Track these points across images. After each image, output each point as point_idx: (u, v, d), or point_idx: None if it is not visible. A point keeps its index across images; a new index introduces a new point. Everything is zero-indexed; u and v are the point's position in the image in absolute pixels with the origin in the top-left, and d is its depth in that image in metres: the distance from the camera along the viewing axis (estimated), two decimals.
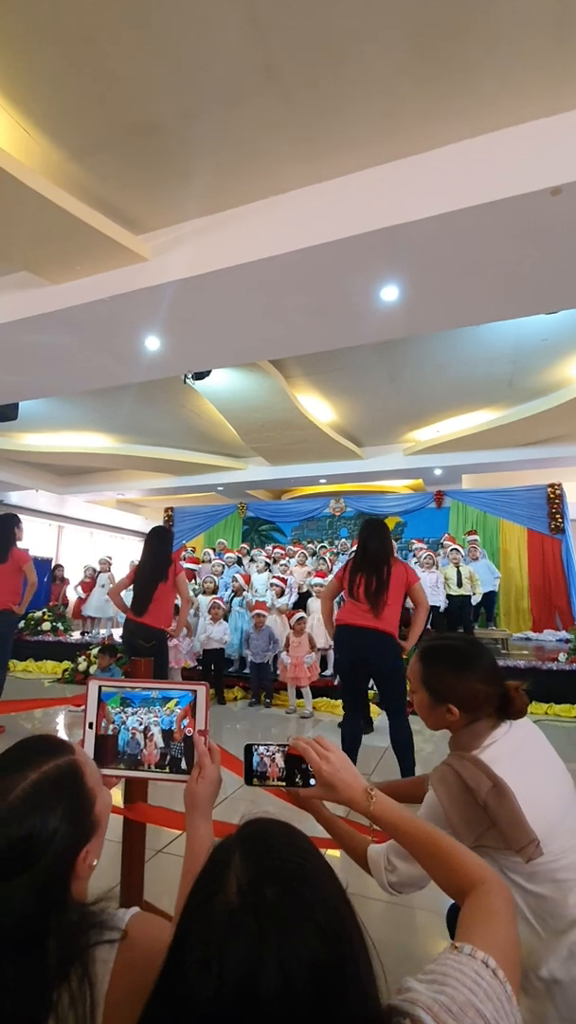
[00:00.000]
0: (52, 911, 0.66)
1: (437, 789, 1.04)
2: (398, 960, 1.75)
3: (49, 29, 2.13)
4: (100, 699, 1.10)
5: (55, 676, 6.93)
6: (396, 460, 8.69)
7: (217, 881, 0.54)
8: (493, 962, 0.58)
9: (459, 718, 1.14)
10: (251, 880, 0.53)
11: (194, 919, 0.53)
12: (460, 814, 1.00)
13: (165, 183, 2.93)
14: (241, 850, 0.57)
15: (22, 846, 0.67)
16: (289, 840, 0.60)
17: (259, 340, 3.97)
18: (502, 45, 2.15)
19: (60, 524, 12.13)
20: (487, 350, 5.44)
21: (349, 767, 0.92)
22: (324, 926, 0.51)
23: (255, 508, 11.60)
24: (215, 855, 0.58)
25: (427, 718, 1.21)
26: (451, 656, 1.18)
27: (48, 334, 3.86)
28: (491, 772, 1.00)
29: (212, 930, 0.50)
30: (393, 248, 2.82)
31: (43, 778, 0.73)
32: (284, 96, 2.40)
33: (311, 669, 5.16)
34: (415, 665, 1.22)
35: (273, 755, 0.97)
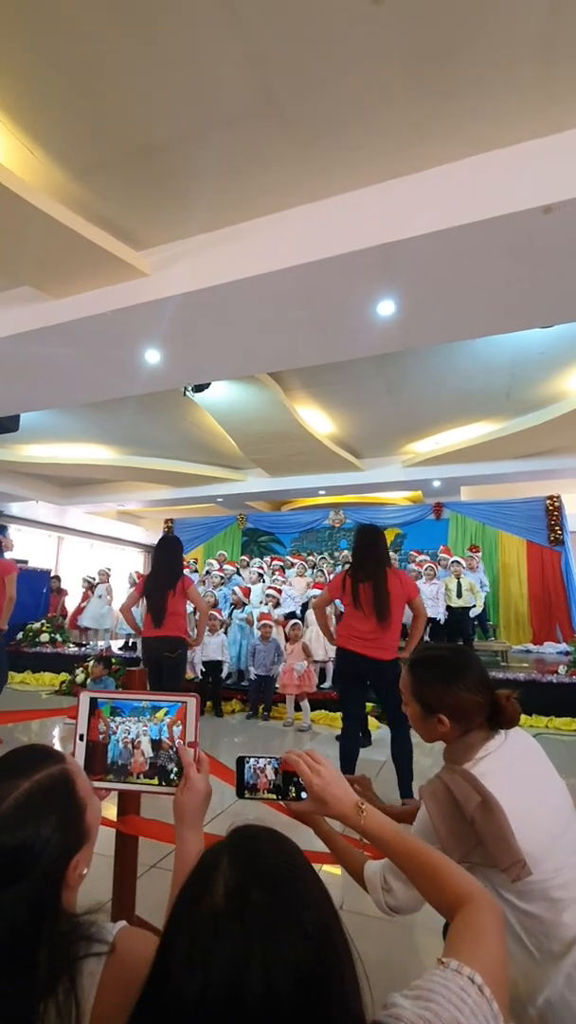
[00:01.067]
0: (44, 921, 0.67)
1: (427, 803, 1.04)
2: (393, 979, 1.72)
3: (54, 54, 2.19)
4: (91, 710, 1.10)
5: (53, 688, 6.89)
6: (395, 472, 8.72)
7: (204, 885, 0.54)
8: (479, 979, 0.57)
9: (450, 728, 1.14)
10: (238, 883, 0.53)
11: (181, 922, 0.53)
12: (448, 829, 0.99)
13: (166, 202, 2.99)
14: (229, 854, 0.57)
15: (15, 855, 0.67)
16: (277, 846, 0.60)
17: (258, 354, 4.01)
18: (491, 70, 2.21)
19: (60, 535, 12.14)
20: (484, 363, 5.49)
21: (340, 782, 0.91)
22: (309, 931, 0.51)
23: (254, 519, 11.61)
24: (204, 859, 0.59)
25: (420, 730, 1.21)
26: (439, 667, 1.18)
27: (50, 347, 3.91)
28: (481, 787, 1.00)
29: (198, 932, 0.51)
30: (389, 264, 2.86)
31: (35, 787, 0.73)
32: (282, 118, 2.45)
33: (302, 679, 5.11)
34: (405, 677, 1.23)
35: (265, 768, 0.97)
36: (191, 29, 2.07)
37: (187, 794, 0.97)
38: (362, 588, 3.12)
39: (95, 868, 0.83)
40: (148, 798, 1.57)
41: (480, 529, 9.70)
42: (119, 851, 1.49)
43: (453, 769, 1.07)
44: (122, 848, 1.49)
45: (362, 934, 1.99)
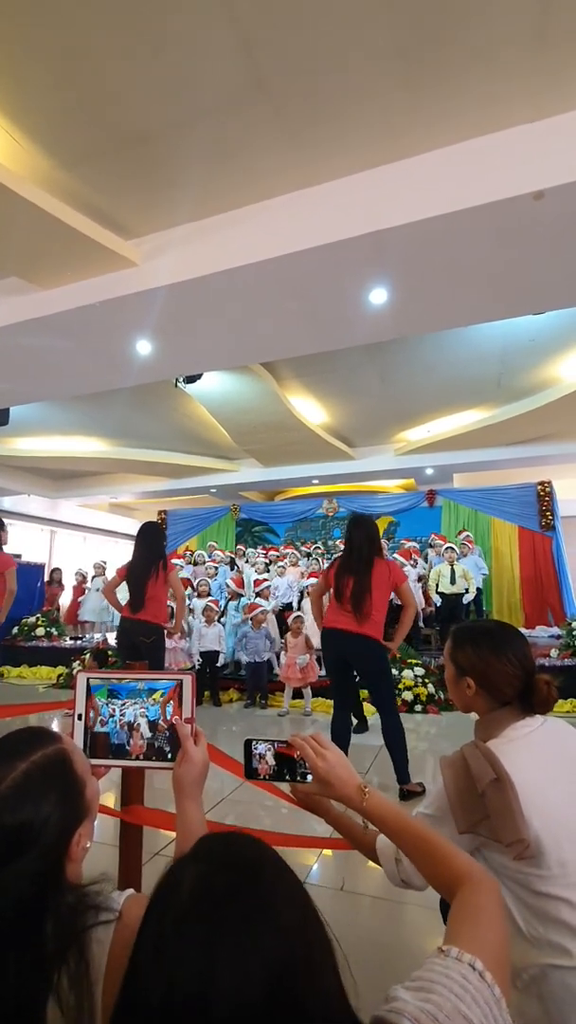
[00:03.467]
0: (49, 894, 0.68)
1: (444, 772, 1.07)
2: (392, 959, 1.77)
3: (41, 43, 2.15)
4: (88, 691, 1.12)
5: (50, 682, 6.91)
6: (388, 460, 8.73)
7: (171, 886, 0.54)
8: (480, 964, 0.57)
9: (477, 694, 1.18)
10: (202, 881, 0.53)
11: (149, 923, 0.53)
12: (459, 798, 1.02)
13: (155, 190, 2.95)
14: (195, 858, 0.57)
15: (17, 834, 0.69)
16: (242, 845, 0.59)
17: (250, 343, 3.99)
18: (483, 55, 2.19)
19: (53, 529, 12.08)
20: (476, 351, 5.49)
21: (345, 764, 0.94)
22: (278, 924, 0.50)
23: (248, 510, 11.60)
24: (172, 867, 0.58)
25: (453, 694, 1.25)
26: (477, 633, 1.24)
27: (38, 339, 3.86)
28: (498, 764, 1.02)
29: (165, 932, 0.50)
30: (381, 252, 2.85)
31: (33, 767, 0.75)
32: (272, 105, 2.42)
33: (304, 671, 5.17)
34: (448, 643, 1.28)
35: (272, 751, 1.00)
36: (180, 14, 2.03)
37: (185, 766, 0.99)
38: (345, 580, 3.17)
39: (101, 857, 0.84)
40: (150, 790, 1.59)
41: (473, 515, 9.76)
42: (123, 840, 1.52)
43: (476, 744, 1.09)
44: (126, 837, 1.51)
45: (359, 912, 2.04)
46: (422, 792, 3.07)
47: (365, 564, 3.16)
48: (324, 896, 2.10)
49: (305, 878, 2.23)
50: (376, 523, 3.43)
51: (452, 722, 4.81)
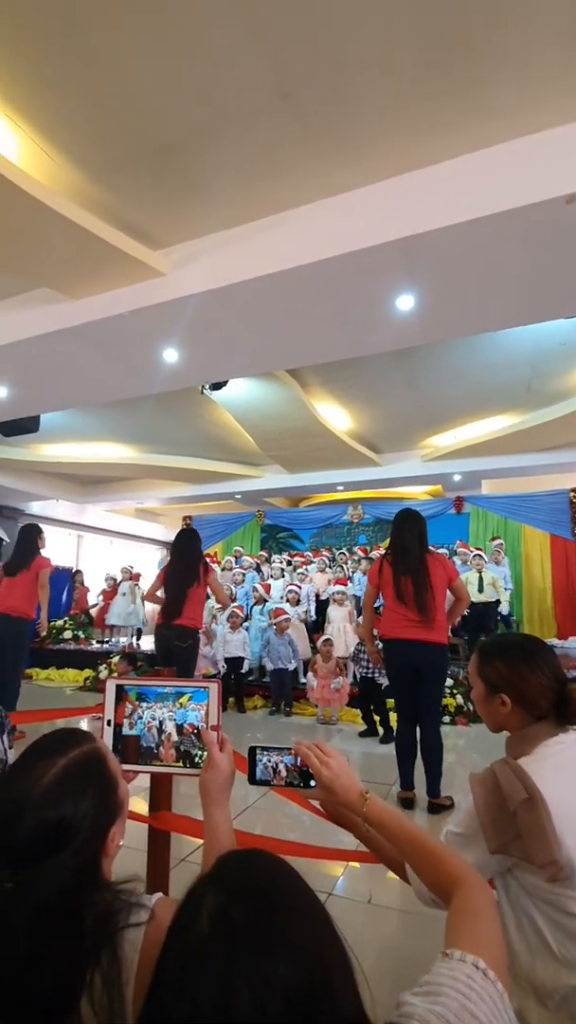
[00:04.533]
0: (87, 889, 0.70)
1: (474, 789, 1.05)
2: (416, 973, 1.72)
3: (69, 57, 2.21)
4: (118, 697, 1.13)
5: (77, 684, 7.02)
6: (414, 466, 8.64)
7: (191, 912, 0.54)
8: (482, 963, 0.59)
9: (512, 711, 1.14)
10: (220, 906, 0.53)
11: (170, 950, 0.54)
12: (491, 817, 1.00)
13: (183, 200, 2.99)
14: (214, 881, 0.58)
15: (57, 828, 0.72)
16: (261, 866, 0.60)
17: (276, 351, 4.00)
18: (514, 58, 2.16)
19: (80, 533, 12.30)
20: (505, 355, 5.40)
21: (348, 772, 0.96)
22: (297, 950, 0.50)
23: (273, 516, 11.62)
24: (191, 888, 0.59)
25: (483, 712, 1.22)
26: (506, 647, 1.21)
27: (68, 348, 3.95)
28: (530, 783, 0.99)
29: (186, 960, 0.50)
30: (410, 258, 2.83)
31: (71, 764, 0.77)
32: (298, 114, 2.44)
33: (340, 692, 5.13)
34: (473, 658, 1.25)
35: (276, 758, 1.02)
36: (206, 26, 2.06)
37: (211, 772, 1.02)
38: (403, 580, 3.07)
39: (129, 861, 0.86)
40: (178, 797, 1.60)
41: (502, 523, 9.57)
42: (151, 846, 1.52)
43: (507, 762, 1.06)
44: (154, 843, 1.51)
45: (384, 926, 2.00)
46: (451, 806, 3.00)
47: (420, 562, 3.06)
48: (350, 909, 2.07)
49: (331, 890, 2.20)
50: (424, 519, 3.29)
51: (481, 734, 4.70)
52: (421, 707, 3.09)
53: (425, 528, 3.22)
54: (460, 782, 3.38)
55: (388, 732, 4.47)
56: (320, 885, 2.21)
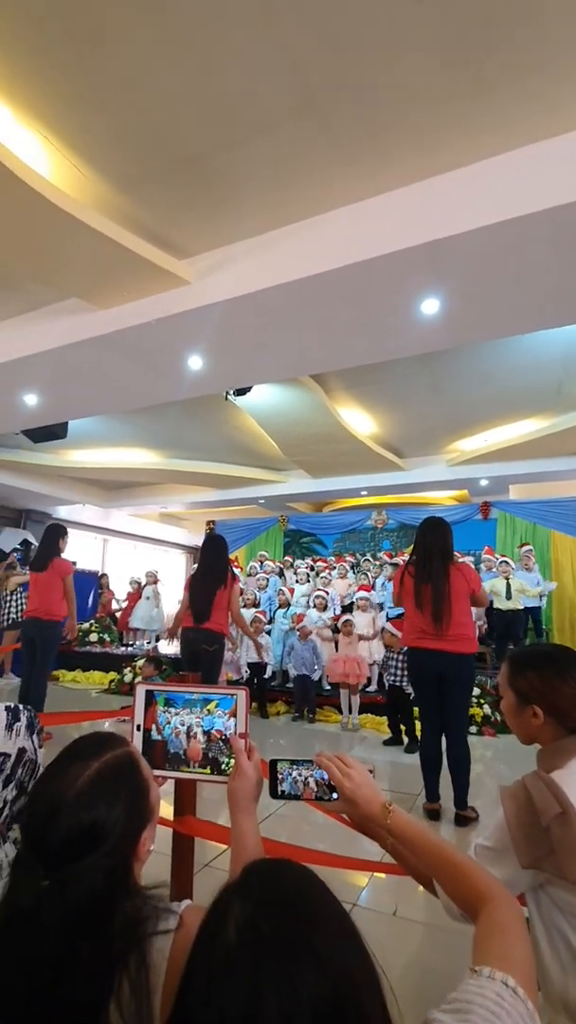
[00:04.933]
0: (118, 892, 0.71)
1: (505, 803, 1.03)
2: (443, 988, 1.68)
3: (97, 73, 2.26)
4: (147, 702, 1.14)
5: (102, 687, 7.11)
6: (439, 471, 8.53)
7: (218, 921, 0.54)
8: (512, 981, 0.58)
9: (544, 723, 1.12)
10: (248, 917, 0.53)
11: (197, 959, 0.54)
12: (523, 832, 0.97)
13: (208, 209, 3.03)
14: (241, 890, 0.57)
15: (91, 829, 0.72)
16: (288, 876, 0.60)
17: (300, 357, 4.01)
18: (539, 59, 2.13)
19: (105, 537, 12.51)
20: (534, 357, 5.30)
21: (370, 783, 0.95)
22: (325, 961, 0.50)
23: (296, 521, 11.61)
24: (218, 897, 0.59)
25: (513, 724, 1.20)
26: (538, 657, 1.18)
27: (96, 357, 4.03)
28: (563, 797, 0.97)
29: (213, 969, 0.51)
30: (435, 262, 2.80)
31: (104, 767, 0.78)
32: (322, 121, 2.44)
33: (348, 666, 5.09)
34: (504, 668, 1.23)
35: (297, 770, 1.01)
36: (230, 37, 2.09)
37: (239, 780, 1.02)
38: (423, 589, 3.05)
39: (154, 866, 0.87)
40: (202, 802, 1.60)
41: (530, 528, 9.37)
42: (176, 850, 1.52)
43: (539, 775, 1.04)
44: (179, 847, 1.51)
45: (415, 942, 1.96)
46: (477, 819, 2.94)
47: (442, 571, 3.03)
48: (375, 921, 2.03)
49: (355, 901, 2.16)
50: (450, 527, 3.25)
51: (509, 746, 4.59)
52: (446, 717, 3.03)
53: (450, 537, 3.17)
54: (487, 794, 3.30)
55: (413, 741, 4.41)
56: (344, 895, 2.18)
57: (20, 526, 10.35)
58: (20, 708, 1.29)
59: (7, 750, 1.20)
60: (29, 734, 1.24)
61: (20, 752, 1.23)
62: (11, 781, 1.20)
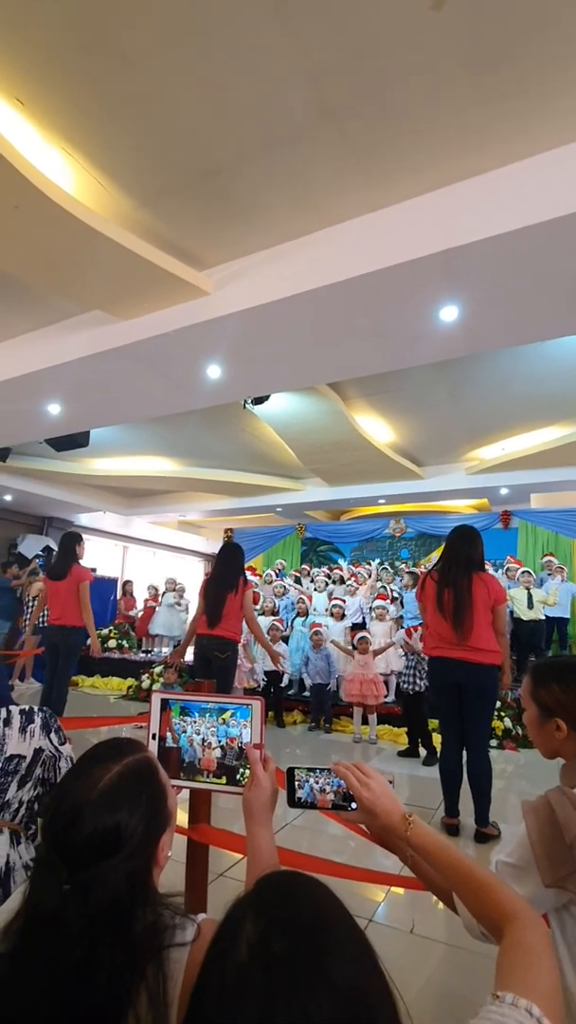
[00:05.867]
0: (139, 897, 0.71)
1: (528, 819, 1.00)
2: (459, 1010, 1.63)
3: (118, 90, 2.32)
4: (162, 710, 1.14)
5: (120, 693, 7.16)
6: (458, 479, 8.44)
7: (230, 937, 0.53)
8: (537, 1011, 0.55)
9: (568, 736, 1.10)
10: (261, 936, 0.52)
11: (208, 976, 0.52)
12: (545, 849, 0.95)
13: (228, 221, 3.07)
14: (255, 906, 0.56)
15: (114, 832, 0.73)
16: (305, 894, 0.58)
17: (318, 365, 4.03)
18: (557, 64, 2.12)
19: (125, 544, 12.64)
20: (554, 364, 5.23)
21: (389, 794, 0.92)
22: (337, 984, 0.48)
23: (313, 529, 11.60)
24: (231, 911, 0.57)
25: (536, 737, 1.18)
26: (561, 669, 1.16)
27: (118, 367, 4.10)
28: None
29: (224, 988, 0.50)
30: (454, 269, 2.80)
31: (125, 770, 0.79)
32: (341, 132, 2.47)
33: (364, 686, 5.02)
34: (526, 680, 1.21)
35: (315, 779, 1.00)
36: (249, 51, 2.12)
37: (254, 791, 1.01)
38: (446, 594, 3.02)
39: (168, 874, 0.87)
40: (217, 810, 1.59)
41: (552, 538, 9.21)
42: (190, 859, 1.52)
43: (563, 790, 1.01)
44: (193, 856, 1.51)
45: (427, 959, 1.91)
46: (498, 836, 2.87)
47: (466, 579, 2.99)
48: (391, 938, 2.00)
49: (371, 917, 2.13)
50: (481, 538, 3.22)
51: (531, 761, 4.49)
52: (467, 729, 2.97)
53: (479, 547, 3.15)
54: (509, 810, 3.23)
55: (431, 754, 4.34)
56: (360, 911, 2.15)
57: (43, 533, 10.53)
58: (35, 710, 1.31)
59: (22, 752, 1.22)
60: (45, 734, 1.26)
61: (36, 752, 1.25)
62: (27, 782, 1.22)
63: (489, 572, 3.29)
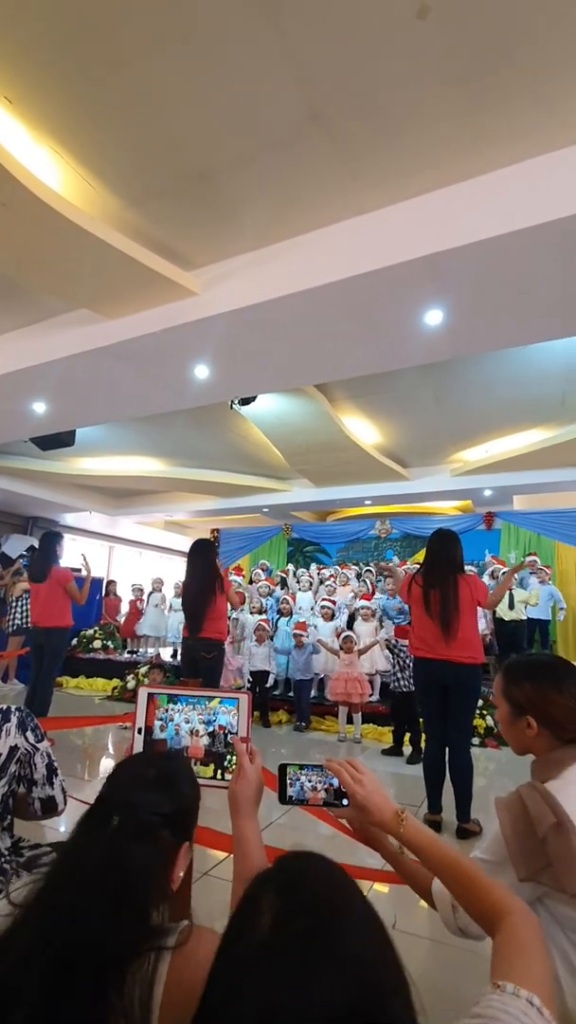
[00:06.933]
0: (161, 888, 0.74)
1: (501, 815, 1.02)
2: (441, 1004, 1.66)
3: (109, 90, 2.32)
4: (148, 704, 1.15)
5: (105, 693, 7.11)
6: (443, 481, 8.53)
7: (250, 915, 0.55)
8: (537, 1000, 0.58)
9: (538, 734, 1.12)
10: (279, 915, 0.53)
11: (227, 953, 0.54)
12: (519, 845, 0.97)
13: (216, 223, 3.08)
14: (275, 884, 0.57)
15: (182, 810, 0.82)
16: (324, 875, 0.60)
17: (305, 366, 4.05)
18: (543, 72, 2.17)
19: (111, 544, 12.55)
20: (537, 368, 5.32)
21: (380, 791, 0.93)
22: (353, 965, 0.50)
23: (300, 530, 11.63)
24: (250, 889, 0.59)
25: (508, 734, 1.20)
26: (532, 668, 1.18)
27: (104, 366, 4.08)
28: (559, 808, 0.96)
29: (243, 965, 0.51)
30: (438, 273, 2.84)
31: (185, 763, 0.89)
32: (330, 137, 2.49)
33: (350, 685, 5.06)
34: (498, 679, 1.23)
35: (307, 776, 1.00)
36: (240, 55, 2.14)
37: (241, 784, 1.01)
38: (432, 595, 3.06)
39: None
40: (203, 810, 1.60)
41: (534, 539, 9.34)
42: None
43: (534, 786, 1.03)
44: None
45: (412, 954, 1.94)
46: (480, 832, 2.92)
47: (451, 579, 3.05)
48: None
49: None
50: (460, 540, 3.30)
51: (512, 758, 4.55)
52: (450, 727, 3.02)
53: (459, 548, 3.22)
54: (490, 806, 3.28)
55: (416, 752, 4.38)
56: None
57: (27, 532, 10.41)
58: (11, 709, 1.33)
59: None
60: (21, 732, 1.28)
61: (12, 750, 1.27)
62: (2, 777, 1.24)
63: (472, 573, 3.35)
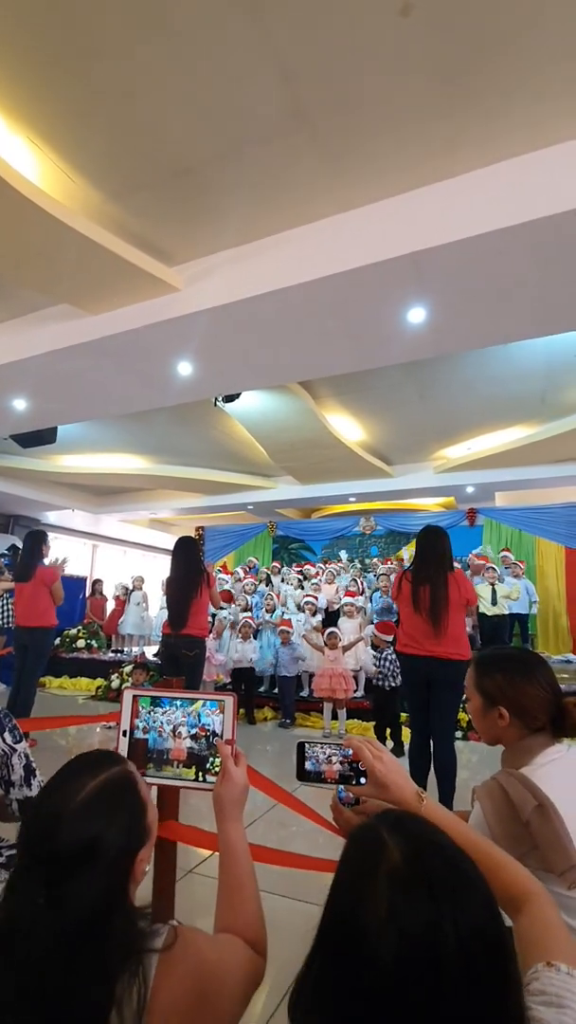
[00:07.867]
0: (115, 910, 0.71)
1: (483, 803, 1.04)
2: None
3: (91, 82, 2.29)
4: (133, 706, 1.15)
5: (89, 693, 7.05)
6: (427, 478, 8.61)
7: (375, 856, 0.58)
8: None
9: (509, 724, 1.14)
10: (415, 850, 0.58)
11: (358, 892, 0.57)
12: (503, 830, 0.98)
13: (198, 218, 3.06)
14: (392, 829, 0.61)
15: (91, 844, 0.72)
16: (427, 825, 0.65)
17: (288, 364, 4.04)
18: (523, 74, 2.20)
19: (94, 543, 12.43)
20: (518, 367, 5.39)
21: (401, 770, 0.93)
22: (486, 898, 0.55)
23: (285, 527, 11.63)
24: (360, 837, 0.62)
25: (480, 726, 1.22)
26: (503, 660, 1.21)
27: (86, 362, 4.03)
28: (538, 791, 0.98)
29: (383, 898, 0.54)
30: (420, 272, 2.86)
31: (105, 783, 0.78)
32: (312, 134, 2.49)
33: (334, 681, 5.09)
34: (470, 671, 1.25)
35: (326, 754, 1.00)
36: (223, 50, 2.13)
37: (226, 786, 1.00)
38: (421, 591, 3.09)
39: None
40: (185, 807, 1.60)
41: (516, 535, 9.47)
42: (158, 856, 1.52)
43: (510, 772, 1.05)
44: (161, 853, 1.51)
45: None
46: None
47: (441, 575, 3.08)
48: None
49: None
50: (448, 537, 3.33)
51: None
52: (435, 721, 3.06)
53: (448, 545, 3.25)
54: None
55: (399, 746, 4.42)
56: None
57: (8, 531, 10.26)
58: None
59: None
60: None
61: None
62: None
63: (460, 571, 3.39)
